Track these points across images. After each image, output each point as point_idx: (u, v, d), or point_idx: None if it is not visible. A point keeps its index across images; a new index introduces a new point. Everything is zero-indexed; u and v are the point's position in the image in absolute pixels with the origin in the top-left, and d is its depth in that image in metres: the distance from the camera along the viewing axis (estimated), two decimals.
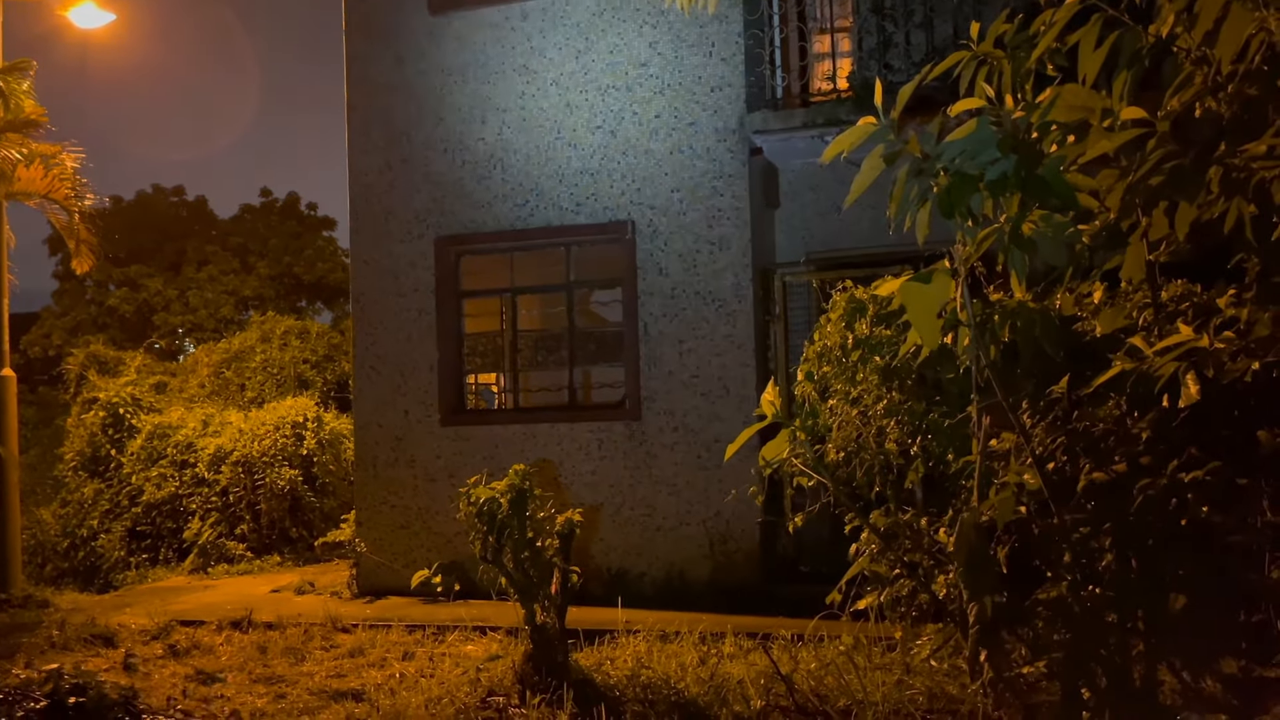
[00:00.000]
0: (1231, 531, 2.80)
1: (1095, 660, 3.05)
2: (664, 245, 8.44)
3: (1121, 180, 2.70)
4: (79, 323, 24.50)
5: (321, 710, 5.67)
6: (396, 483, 9.11)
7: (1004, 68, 3.01)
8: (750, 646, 6.12)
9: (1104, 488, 2.97)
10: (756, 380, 8.10)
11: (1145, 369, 2.80)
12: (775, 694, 5.09)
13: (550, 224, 8.78)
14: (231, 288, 25.11)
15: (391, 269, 9.22)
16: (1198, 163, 2.55)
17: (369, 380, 9.27)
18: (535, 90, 8.84)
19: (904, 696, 4.84)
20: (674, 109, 8.44)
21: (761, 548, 8.06)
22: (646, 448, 8.41)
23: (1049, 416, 3.25)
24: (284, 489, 11.73)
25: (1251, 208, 2.51)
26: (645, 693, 5.25)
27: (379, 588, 8.95)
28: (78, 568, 11.66)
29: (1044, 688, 3.41)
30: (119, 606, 8.98)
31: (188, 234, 27.13)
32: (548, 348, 9.70)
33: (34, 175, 10.12)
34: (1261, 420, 2.82)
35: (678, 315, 8.38)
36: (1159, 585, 2.92)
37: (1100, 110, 2.65)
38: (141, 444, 12.36)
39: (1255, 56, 2.46)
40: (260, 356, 14.74)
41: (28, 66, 10.16)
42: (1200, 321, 2.90)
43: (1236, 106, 2.55)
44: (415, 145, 9.19)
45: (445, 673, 6.14)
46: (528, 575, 5.60)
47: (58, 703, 3.97)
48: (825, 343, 4.71)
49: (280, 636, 7.33)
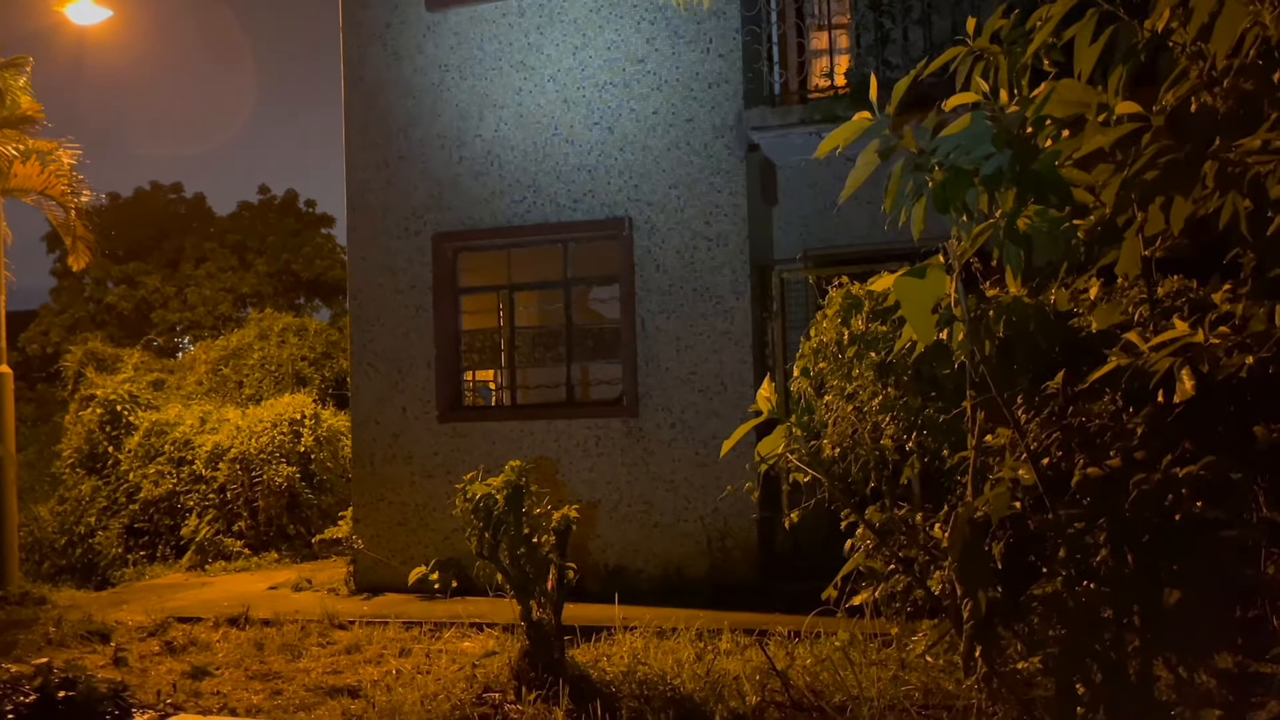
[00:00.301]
0: (1227, 526, 2.80)
1: (1090, 655, 3.05)
2: (661, 242, 8.43)
3: (1117, 175, 2.69)
4: (77, 320, 24.46)
5: (317, 706, 5.67)
6: (394, 480, 9.11)
7: (1000, 63, 3.00)
8: (747, 643, 6.13)
9: (1099, 483, 2.97)
10: (754, 377, 8.10)
11: (1141, 364, 2.79)
12: (771, 690, 5.10)
13: (548, 220, 8.77)
14: (229, 285, 25.08)
15: (389, 265, 9.22)
16: (1193, 158, 2.54)
17: (366, 377, 9.27)
18: (533, 86, 8.83)
19: (899, 692, 4.86)
20: (671, 105, 8.44)
21: (759, 544, 8.06)
22: (644, 444, 8.40)
23: (1044, 412, 3.24)
24: (281, 486, 11.74)
25: (1247, 203, 2.50)
26: (641, 689, 5.26)
27: (376, 584, 8.96)
28: (75, 565, 11.66)
29: (1039, 683, 3.41)
30: (116, 603, 8.98)
31: (186, 231, 27.10)
32: (545, 344, 9.70)
33: (30, 171, 10.11)
34: (1257, 415, 2.82)
35: (675, 312, 8.38)
36: (1154, 580, 2.92)
37: (1096, 105, 2.64)
38: (139, 441, 12.35)
39: (1250, 51, 2.46)
40: (258, 354, 14.75)
41: (24, 62, 10.16)
42: (1196, 317, 2.89)
43: (1232, 101, 2.55)
44: (412, 142, 9.18)
45: (441, 669, 6.15)
46: (524, 571, 5.60)
47: (47, 697, 3.96)
48: (821, 339, 4.71)
49: (277, 633, 7.34)
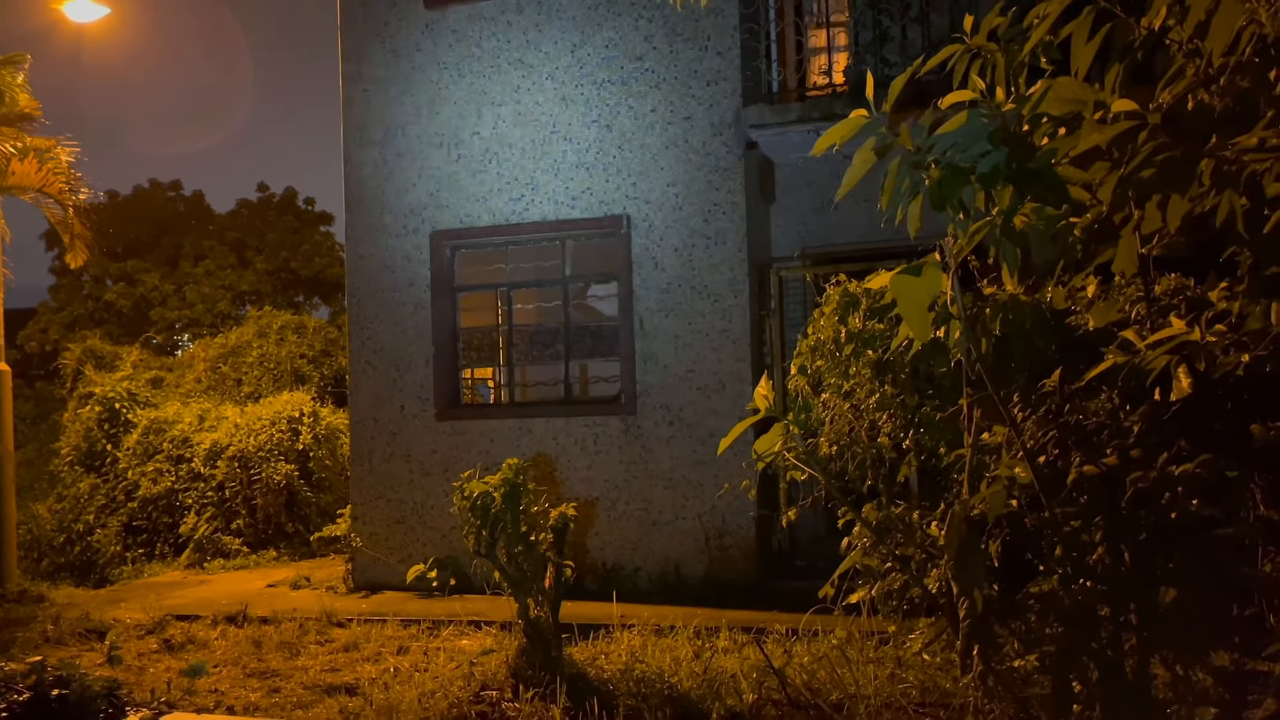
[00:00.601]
0: (1223, 525, 2.80)
1: (1087, 653, 3.05)
2: (660, 240, 8.43)
3: (1114, 173, 2.68)
4: (76, 318, 24.45)
5: (315, 704, 5.67)
6: (392, 477, 9.11)
7: (997, 61, 3.00)
8: (744, 641, 6.13)
9: (1095, 481, 2.97)
10: (752, 375, 8.10)
11: (1137, 362, 2.79)
12: (768, 688, 5.10)
13: (546, 218, 8.77)
14: (228, 283, 25.06)
15: (387, 263, 9.22)
16: (1190, 155, 2.54)
17: (365, 375, 9.26)
18: (531, 84, 8.83)
19: (896, 690, 4.86)
20: (669, 103, 8.43)
21: (757, 542, 8.06)
22: (642, 442, 8.40)
23: (1040, 410, 3.24)
24: (280, 484, 11.73)
25: (1243, 200, 2.50)
26: (639, 687, 5.26)
27: (375, 582, 8.96)
28: (73, 563, 11.65)
29: (1036, 681, 3.41)
30: (114, 601, 8.98)
31: (185, 229, 27.07)
32: (543, 342, 9.69)
33: (28, 169, 10.10)
34: (1254, 413, 2.82)
35: (673, 310, 8.37)
36: (1151, 578, 2.92)
37: (1092, 103, 2.64)
38: (138, 439, 12.35)
39: (1246, 49, 2.46)
40: (257, 351, 14.75)
41: (21, 60, 10.15)
42: (1193, 315, 2.89)
43: (1228, 99, 2.54)
44: (411, 139, 9.17)
45: (439, 667, 6.15)
46: (521, 569, 5.60)
47: (40, 695, 3.96)
48: (819, 336, 4.70)
49: (275, 631, 7.34)
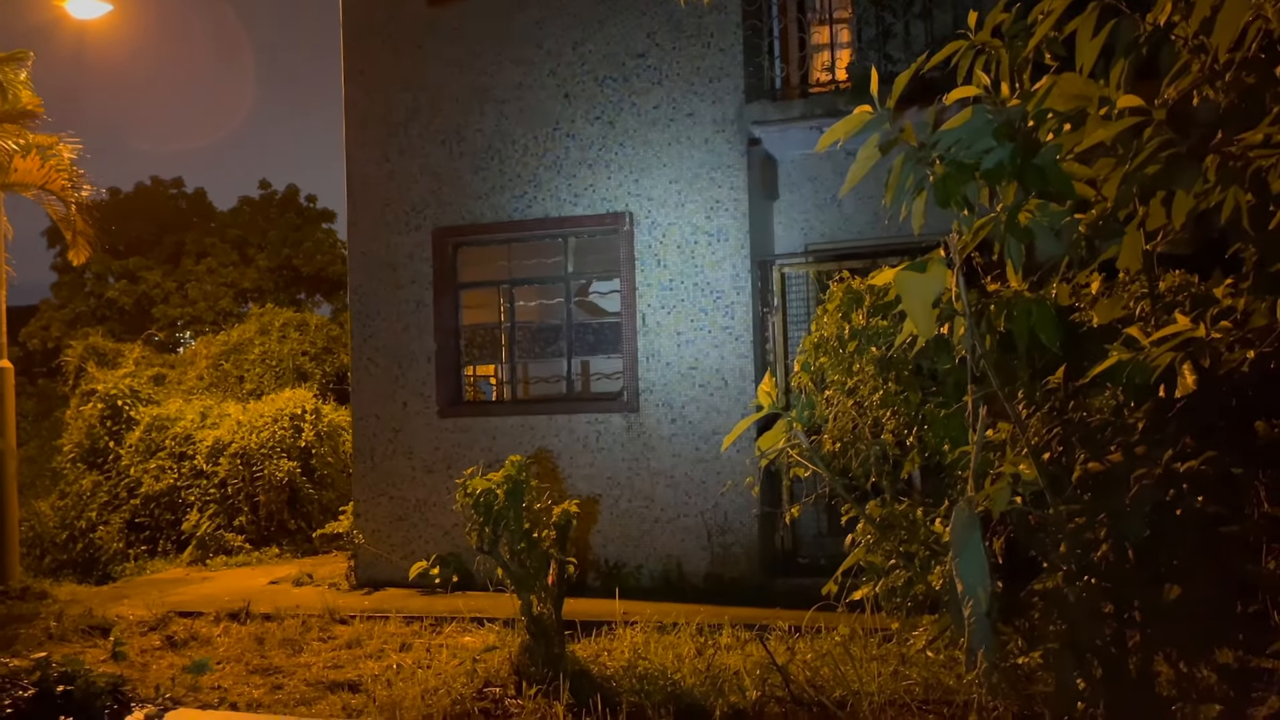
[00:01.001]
0: (1227, 522, 2.80)
1: (1091, 650, 3.05)
2: (662, 236, 8.42)
3: (1118, 169, 2.68)
4: (78, 315, 24.45)
5: (318, 701, 5.68)
6: (394, 474, 9.11)
7: (1001, 57, 2.99)
8: (747, 638, 6.13)
9: (1100, 478, 2.97)
10: (755, 372, 8.09)
11: (1142, 359, 2.79)
12: (771, 685, 5.10)
13: (548, 215, 8.76)
14: (230, 280, 25.07)
15: (389, 261, 9.21)
16: (1194, 152, 2.53)
17: (367, 372, 9.26)
18: (533, 81, 8.82)
19: (900, 687, 4.86)
20: (672, 99, 8.42)
21: (760, 540, 8.06)
22: (644, 439, 8.40)
23: (1045, 407, 3.24)
24: (282, 481, 11.74)
25: (1248, 197, 2.49)
26: (642, 683, 5.26)
27: (377, 579, 8.96)
28: (76, 559, 11.65)
29: (1039, 678, 3.41)
30: (117, 598, 8.99)
31: (187, 226, 27.08)
32: (545, 339, 9.69)
33: (30, 166, 10.09)
34: (1258, 410, 2.82)
35: (676, 307, 8.37)
36: (1155, 576, 2.92)
37: (1097, 99, 2.63)
38: (140, 436, 12.35)
39: (1252, 44, 2.45)
40: (259, 349, 14.75)
41: (24, 57, 10.14)
42: (1197, 312, 2.89)
43: (1233, 95, 2.54)
44: (413, 136, 9.17)
45: (442, 664, 6.15)
46: (524, 566, 5.60)
47: (45, 691, 3.97)
48: (822, 333, 4.70)
49: (278, 628, 7.35)
